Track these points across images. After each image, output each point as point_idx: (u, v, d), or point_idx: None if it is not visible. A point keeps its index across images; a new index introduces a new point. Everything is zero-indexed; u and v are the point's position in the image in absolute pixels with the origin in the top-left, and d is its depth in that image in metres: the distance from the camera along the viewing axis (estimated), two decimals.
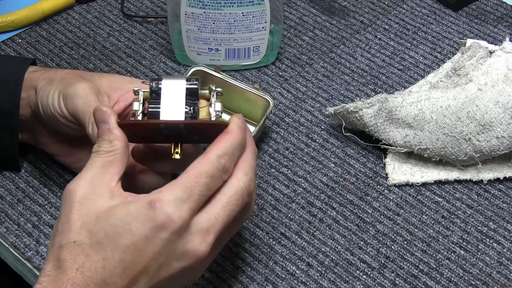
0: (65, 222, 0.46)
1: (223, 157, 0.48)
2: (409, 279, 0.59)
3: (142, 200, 0.46)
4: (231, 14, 0.69)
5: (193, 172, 0.47)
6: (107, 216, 0.45)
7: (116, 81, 0.58)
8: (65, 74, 0.59)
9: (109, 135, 0.49)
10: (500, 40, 0.78)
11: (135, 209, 0.45)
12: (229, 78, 0.68)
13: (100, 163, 0.48)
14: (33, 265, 0.59)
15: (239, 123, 0.50)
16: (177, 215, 0.45)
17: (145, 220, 0.45)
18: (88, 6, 0.82)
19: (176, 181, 0.47)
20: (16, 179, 0.65)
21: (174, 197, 0.46)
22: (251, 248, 0.61)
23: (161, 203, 0.45)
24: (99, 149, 0.48)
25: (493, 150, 0.63)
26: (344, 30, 0.80)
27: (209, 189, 0.47)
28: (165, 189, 0.46)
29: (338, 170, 0.67)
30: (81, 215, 0.45)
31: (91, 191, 0.46)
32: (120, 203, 0.46)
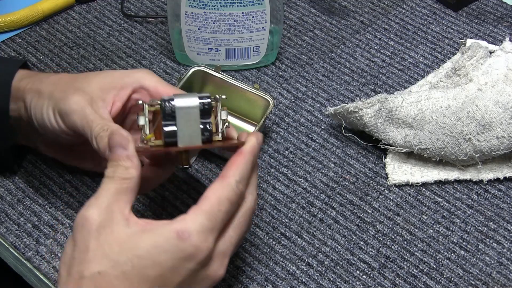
0: (83, 251, 0.45)
1: (241, 182, 0.49)
2: (409, 279, 0.59)
3: (168, 230, 0.46)
4: (231, 14, 0.69)
5: (215, 199, 0.47)
6: (133, 247, 0.45)
7: (106, 82, 0.57)
8: (53, 85, 0.57)
9: (126, 162, 0.48)
10: (500, 40, 0.78)
11: (163, 240, 0.45)
12: (229, 78, 0.68)
13: (115, 189, 0.47)
14: (33, 265, 0.59)
15: (254, 145, 0.51)
16: (205, 246, 0.46)
17: (174, 251, 0.45)
18: (88, 6, 0.82)
19: (200, 208, 0.47)
20: (16, 179, 0.65)
21: (201, 227, 0.46)
22: (251, 248, 0.61)
23: (190, 235, 0.45)
24: (114, 174, 0.48)
25: (493, 150, 0.63)
26: (344, 30, 0.80)
27: (229, 215, 0.49)
28: (190, 218, 0.46)
29: (338, 170, 0.67)
30: (100, 244, 0.45)
31: (107, 219, 0.46)
32: (142, 232, 0.46)
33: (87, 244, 0.45)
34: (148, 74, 0.57)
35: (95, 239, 0.45)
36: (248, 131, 0.68)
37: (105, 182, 0.48)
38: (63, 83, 0.56)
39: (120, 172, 0.48)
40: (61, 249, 0.60)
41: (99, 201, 0.46)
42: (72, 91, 0.55)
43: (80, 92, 0.55)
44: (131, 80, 0.56)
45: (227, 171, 0.49)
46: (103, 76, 0.57)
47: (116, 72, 0.58)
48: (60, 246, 0.60)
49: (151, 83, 0.56)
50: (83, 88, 0.55)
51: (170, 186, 0.65)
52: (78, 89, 0.55)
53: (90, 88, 0.55)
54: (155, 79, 0.57)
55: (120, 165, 0.48)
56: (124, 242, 0.45)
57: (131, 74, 0.57)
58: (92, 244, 0.45)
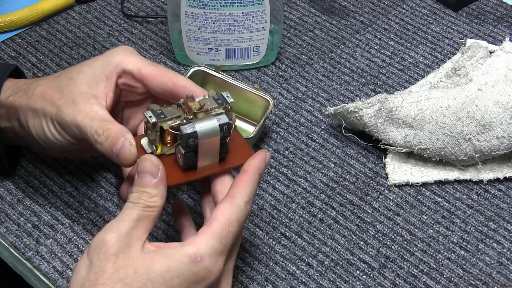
0: (99, 274, 0.45)
1: (249, 203, 0.50)
2: (409, 279, 0.59)
3: (181, 254, 0.46)
4: (231, 14, 0.69)
5: (225, 221, 0.48)
6: (147, 271, 0.45)
7: (90, 77, 0.55)
8: (42, 99, 0.55)
9: (153, 191, 0.48)
10: (500, 40, 0.78)
11: (176, 264, 0.45)
12: (229, 78, 0.68)
13: (137, 215, 0.47)
14: (33, 265, 0.59)
15: (261, 164, 0.51)
16: (216, 269, 0.47)
17: (187, 275, 0.46)
18: (88, 6, 0.82)
19: (210, 230, 0.47)
20: (16, 179, 0.65)
21: (213, 250, 0.47)
22: (251, 248, 0.61)
23: (202, 258, 0.46)
24: (139, 201, 0.48)
25: (493, 150, 0.63)
26: (344, 30, 0.80)
27: (238, 236, 0.50)
28: (201, 240, 0.47)
29: (338, 170, 0.67)
30: (116, 268, 0.45)
31: (126, 245, 0.46)
32: (155, 256, 0.46)
33: (103, 268, 0.45)
34: (127, 56, 0.56)
35: (112, 263, 0.45)
36: (249, 132, 0.68)
37: (128, 207, 0.48)
38: (51, 94, 0.55)
39: (145, 199, 0.48)
40: (61, 249, 0.60)
41: (119, 226, 0.46)
42: (63, 102, 0.54)
43: (69, 102, 0.54)
44: (112, 66, 0.56)
45: (235, 190, 0.50)
46: (86, 71, 0.56)
47: (96, 63, 0.56)
48: (60, 246, 0.60)
49: (133, 67, 0.56)
50: (71, 92, 0.54)
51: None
52: (68, 98, 0.54)
53: (77, 89, 0.55)
54: (135, 59, 0.56)
55: (146, 192, 0.48)
56: (139, 268, 0.45)
57: (111, 60, 0.56)
58: (108, 268, 0.45)
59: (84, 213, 0.63)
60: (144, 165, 0.49)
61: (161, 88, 0.56)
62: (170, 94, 0.56)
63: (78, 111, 0.53)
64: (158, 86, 0.56)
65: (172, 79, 0.56)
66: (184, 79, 0.56)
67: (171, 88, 0.56)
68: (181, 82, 0.56)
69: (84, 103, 0.54)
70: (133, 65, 0.56)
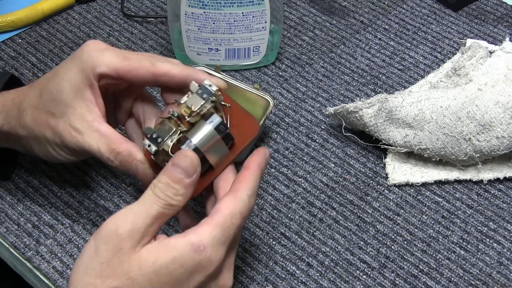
0: (105, 265, 0.44)
1: (253, 196, 0.49)
2: (409, 279, 0.59)
3: (183, 243, 0.46)
4: (231, 14, 0.69)
5: (229, 212, 0.47)
6: (151, 264, 0.45)
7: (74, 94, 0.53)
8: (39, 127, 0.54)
9: (181, 189, 0.47)
10: (500, 40, 0.78)
11: (179, 254, 0.45)
12: (229, 78, 0.68)
13: (156, 212, 0.46)
14: (33, 265, 0.59)
15: (262, 160, 0.51)
16: (217, 259, 0.46)
17: (190, 264, 0.45)
18: (88, 6, 0.82)
19: (213, 220, 0.47)
20: (16, 179, 0.65)
21: (215, 241, 0.46)
22: (251, 248, 0.61)
23: (205, 247, 0.46)
24: (163, 195, 0.46)
25: (493, 150, 0.63)
26: (344, 30, 0.80)
27: (240, 229, 0.49)
28: (204, 230, 0.46)
29: (338, 170, 0.67)
30: (122, 261, 0.45)
31: (137, 241, 0.45)
32: (158, 247, 0.46)
33: (109, 259, 0.45)
34: (98, 56, 0.53)
35: (118, 256, 0.45)
36: None
37: (150, 199, 0.47)
38: (44, 121, 0.54)
39: (170, 195, 0.47)
40: (61, 249, 0.60)
41: (136, 221, 0.46)
42: (62, 129, 0.53)
43: (68, 128, 0.53)
44: (89, 73, 0.53)
45: (238, 185, 0.50)
46: (67, 88, 0.53)
47: (72, 74, 0.54)
48: (60, 246, 0.60)
49: (108, 68, 0.53)
50: (65, 115, 0.53)
51: None
52: (65, 123, 0.53)
53: (69, 111, 0.53)
54: (108, 59, 0.53)
55: (174, 189, 0.47)
56: (144, 261, 0.45)
57: (85, 66, 0.53)
58: (114, 260, 0.45)
59: (84, 213, 0.63)
60: (182, 161, 0.47)
61: (142, 81, 0.54)
62: (154, 84, 0.55)
63: (81, 138, 0.53)
64: (138, 81, 0.54)
65: (150, 70, 0.53)
66: (162, 65, 0.53)
67: (152, 80, 0.54)
68: (159, 70, 0.53)
69: (82, 126, 0.53)
70: (107, 66, 0.53)
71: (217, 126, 0.50)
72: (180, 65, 0.54)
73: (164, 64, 0.54)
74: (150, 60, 0.54)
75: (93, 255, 0.45)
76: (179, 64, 0.54)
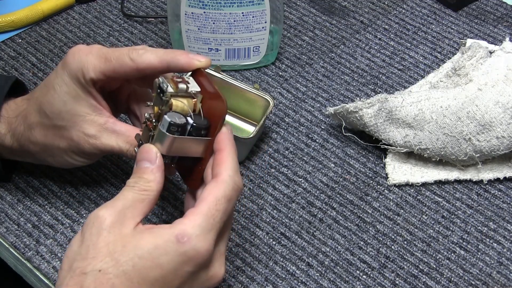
0: (90, 247, 0.45)
1: (235, 176, 0.49)
2: (409, 279, 0.59)
3: (168, 233, 0.46)
4: (231, 14, 0.69)
5: (212, 199, 0.47)
6: (135, 247, 0.45)
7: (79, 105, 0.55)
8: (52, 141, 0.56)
9: (149, 176, 0.49)
10: (500, 40, 0.78)
11: (163, 242, 0.45)
12: (229, 78, 0.68)
13: (132, 197, 0.48)
14: (33, 265, 0.59)
15: (230, 135, 0.51)
16: (204, 249, 0.46)
17: (174, 254, 0.45)
18: (88, 6, 0.82)
19: (198, 210, 0.47)
20: (16, 179, 0.65)
21: (200, 230, 0.46)
22: (251, 248, 0.61)
23: (189, 238, 0.46)
24: (135, 185, 0.48)
25: (493, 150, 0.63)
26: (344, 30, 0.80)
27: (227, 213, 0.49)
28: (188, 221, 0.47)
29: (338, 170, 0.67)
30: (107, 243, 0.45)
31: (118, 221, 0.46)
32: (143, 234, 0.46)
33: (94, 242, 0.45)
34: (84, 62, 0.54)
35: (103, 237, 0.45)
36: (249, 132, 0.68)
37: (125, 190, 0.48)
38: (56, 135, 0.56)
39: (141, 183, 0.48)
40: (61, 249, 0.60)
41: (114, 204, 0.47)
42: (77, 138, 0.55)
43: (83, 137, 0.55)
44: (81, 81, 0.54)
45: (217, 169, 0.49)
46: (69, 102, 0.55)
47: (67, 85, 0.54)
48: (60, 246, 0.60)
49: (95, 73, 0.53)
50: (77, 125, 0.55)
51: (170, 186, 0.65)
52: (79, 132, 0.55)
53: (80, 119, 0.55)
54: (93, 63, 0.53)
55: (143, 178, 0.49)
56: (128, 242, 0.45)
57: (76, 74, 0.54)
58: (99, 242, 0.45)
59: (84, 213, 0.63)
60: (143, 154, 0.50)
61: (130, 77, 0.55)
62: (141, 79, 0.55)
63: (100, 143, 0.54)
64: (126, 78, 0.55)
65: (132, 66, 0.53)
66: (141, 58, 0.53)
67: (138, 75, 0.54)
68: (142, 64, 0.53)
69: (97, 130, 0.54)
70: (93, 71, 0.54)
71: (168, 128, 0.49)
72: (159, 52, 0.54)
73: (144, 56, 0.53)
74: (129, 55, 0.53)
75: (80, 243, 0.46)
76: (158, 51, 0.54)
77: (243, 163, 0.67)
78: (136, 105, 0.59)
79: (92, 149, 0.55)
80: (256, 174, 0.66)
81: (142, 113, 0.58)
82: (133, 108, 0.59)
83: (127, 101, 0.59)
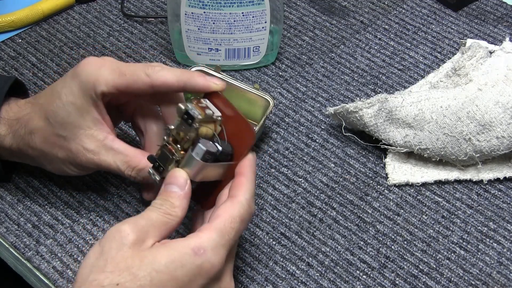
0: (108, 261, 0.46)
1: (251, 200, 0.51)
2: (409, 279, 0.59)
3: (184, 245, 0.47)
4: (231, 14, 0.69)
5: (228, 217, 0.49)
6: (152, 261, 0.46)
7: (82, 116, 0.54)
8: (51, 148, 0.56)
9: (176, 201, 0.49)
10: (500, 40, 0.78)
11: (179, 255, 0.46)
12: (229, 78, 0.68)
13: (156, 218, 0.48)
14: (33, 265, 0.59)
15: (253, 164, 0.53)
16: (218, 262, 0.48)
17: (190, 267, 0.46)
18: (88, 6, 0.82)
19: (213, 225, 0.48)
20: (16, 179, 0.65)
21: (215, 244, 0.47)
22: (251, 248, 0.61)
23: (205, 250, 0.47)
24: (161, 207, 0.49)
25: (493, 150, 0.63)
26: (344, 30, 0.80)
27: (239, 233, 0.50)
28: (204, 234, 0.48)
29: (338, 170, 0.67)
30: (125, 258, 0.46)
31: (139, 238, 0.47)
32: (160, 248, 0.47)
33: (113, 255, 0.46)
34: (97, 75, 0.54)
35: (122, 252, 0.46)
36: None
37: (149, 209, 0.49)
38: (55, 141, 0.56)
39: (167, 206, 0.49)
40: (61, 249, 0.60)
41: (137, 222, 0.48)
42: (75, 150, 0.55)
43: (81, 150, 0.55)
44: (92, 93, 0.54)
45: (235, 191, 0.51)
46: (72, 112, 0.55)
47: (74, 95, 0.54)
48: (60, 246, 0.60)
49: (108, 87, 0.54)
50: (76, 138, 0.55)
51: None
52: (77, 144, 0.55)
53: (80, 132, 0.55)
54: (106, 77, 0.54)
55: (170, 202, 0.49)
56: (144, 257, 0.46)
57: (85, 86, 0.54)
58: (118, 256, 0.46)
59: (84, 213, 0.63)
60: (173, 178, 0.50)
61: (141, 94, 0.55)
62: (151, 96, 0.56)
63: (97, 158, 0.55)
64: (138, 94, 0.55)
65: (147, 83, 0.54)
66: (157, 75, 0.54)
67: (151, 91, 0.54)
68: (156, 82, 0.54)
69: (95, 146, 0.55)
70: (106, 85, 0.54)
71: (202, 157, 0.50)
72: (176, 72, 0.54)
73: (160, 73, 0.54)
74: (145, 71, 0.54)
75: (98, 256, 0.46)
76: (175, 71, 0.54)
77: None
78: (141, 120, 0.59)
79: (89, 163, 0.55)
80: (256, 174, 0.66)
81: (147, 128, 0.59)
82: (138, 122, 0.59)
83: (132, 114, 0.59)
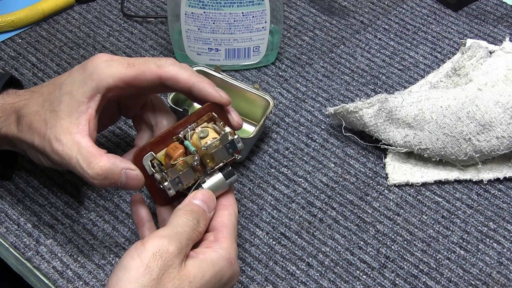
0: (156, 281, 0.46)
1: (235, 213, 0.54)
2: (409, 279, 0.59)
3: (221, 259, 0.50)
4: (231, 14, 0.69)
5: (233, 226, 0.53)
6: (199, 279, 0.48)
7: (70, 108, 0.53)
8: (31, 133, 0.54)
9: (203, 221, 0.51)
10: (500, 40, 0.78)
11: (220, 270, 0.49)
12: (229, 78, 0.68)
13: (190, 235, 0.50)
14: (33, 265, 0.59)
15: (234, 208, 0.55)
16: (239, 269, 0.52)
17: (227, 277, 0.50)
18: (88, 6, 0.82)
19: (229, 234, 0.52)
20: (16, 179, 0.65)
21: (235, 253, 0.51)
22: (251, 248, 0.61)
23: (235, 260, 0.51)
24: (199, 225, 0.51)
25: (493, 150, 0.63)
26: (344, 30, 0.80)
27: None
28: (228, 245, 0.51)
29: (338, 170, 0.67)
30: (173, 277, 0.47)
31: (182, 258, 0.48)
32: (202, 264, 0.49)
33: (161, 275, 0.47)
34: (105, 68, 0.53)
35: (169, 272, 0.47)
36: (249, 132, 0.68)
37: (184, 224, 0.50)
38: (37, 127, 0.54)
39: (201, 226, 0.51)
40: (62, 249, 0.60)
41: (181, 240, 0.49)
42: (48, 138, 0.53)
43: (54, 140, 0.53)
44: (92, 87, 0.53)
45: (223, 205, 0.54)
46: (66, 101, 0.54)
47: (74, 86, 0.54)
48: (60, 246, 0.60)
49: (114, 80, 0.53)
50: (54, 126, 0.53)
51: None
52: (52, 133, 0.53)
53: (59, 123, 0.53)
54: (114, 70, 0.53)
55: (201, 221, 0.51)
56: (192, 276, 0.48)
57: (88, 80, 0.53)
58: (165, 276, 0.47)
59: (84, 213, 0.63)
60: (210, 202, 0.53)
61: (149, 85, 0.54)
62: (160, 89, 0.55)
63: (61, 149, 0.52)
64: (147, 87, 0.54)
65: (157, 73, 0.53)
66: (169, 68, 0.54)
67: (159, 83, 0.54)
68: (167, 73, 0.53)
69: (65, 137, 0.53)
70: (112, 77, 0.53)
71: (231, 182, 0.54)
72: (188, 70, 0.54)
73: (172, 67, 0.54)
74: (156, 62, 0.54)
75: (143, 272, 0.46)
76: (188, 69, 0.54)
77: (243, 163, 0.67)
78: (152, 114, 0.58)
79: (54, 154, 0.53)
80: (256, 174, 0.66)
81: (158, 122, 0.58)
82: (148, 116, 0.58)
83: (141, 109, 0.59)
